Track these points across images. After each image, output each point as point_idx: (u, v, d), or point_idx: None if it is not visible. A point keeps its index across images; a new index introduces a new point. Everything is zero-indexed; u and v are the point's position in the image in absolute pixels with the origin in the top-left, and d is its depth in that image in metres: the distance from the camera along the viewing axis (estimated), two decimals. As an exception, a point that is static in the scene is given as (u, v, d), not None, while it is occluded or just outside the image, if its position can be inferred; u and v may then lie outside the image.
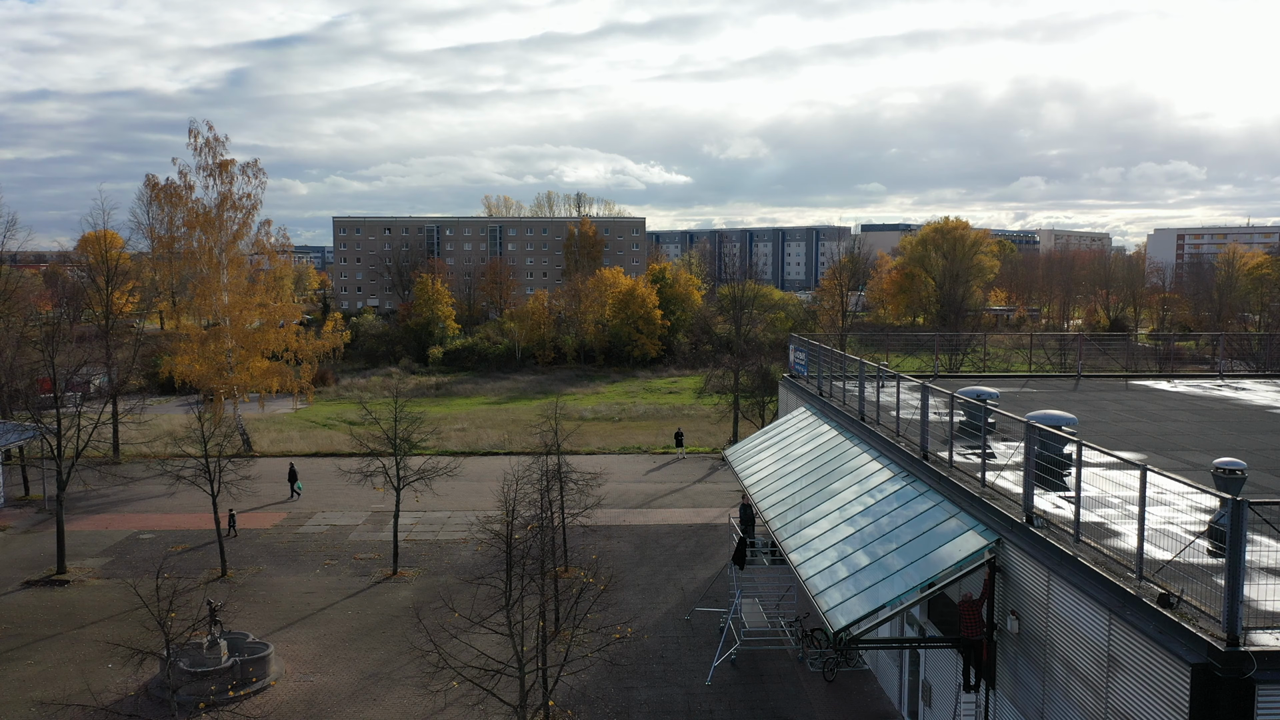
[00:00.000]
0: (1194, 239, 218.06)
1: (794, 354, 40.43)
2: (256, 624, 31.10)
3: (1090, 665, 14.89)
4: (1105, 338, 71.53)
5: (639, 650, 29.11)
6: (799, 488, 26.34)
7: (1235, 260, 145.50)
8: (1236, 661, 12.01)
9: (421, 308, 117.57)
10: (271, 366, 60.12)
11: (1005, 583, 18.04)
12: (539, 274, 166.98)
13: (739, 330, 72.24)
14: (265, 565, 37.73)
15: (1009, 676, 18.00)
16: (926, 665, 22.69)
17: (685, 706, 25.35)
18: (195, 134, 58.17)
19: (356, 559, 38.48)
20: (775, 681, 26.80)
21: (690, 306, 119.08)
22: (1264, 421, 28.71)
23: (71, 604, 33.57)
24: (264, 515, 45.01)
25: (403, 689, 26.57)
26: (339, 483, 50.11)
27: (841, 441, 28.53)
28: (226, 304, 58.30)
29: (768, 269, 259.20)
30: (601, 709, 25.24)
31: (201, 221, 58.11)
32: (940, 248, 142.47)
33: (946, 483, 21.13)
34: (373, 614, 32.45)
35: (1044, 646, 16.47)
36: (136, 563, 37.64)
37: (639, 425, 71.23)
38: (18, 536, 42.08)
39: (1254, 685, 12.00)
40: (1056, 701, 16.07)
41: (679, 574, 36.35)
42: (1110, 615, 14.29)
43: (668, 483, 51.70)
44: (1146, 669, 13.36)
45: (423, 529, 42.58)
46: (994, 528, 18.47)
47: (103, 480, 50.40)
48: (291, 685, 27.00)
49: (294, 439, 64.07)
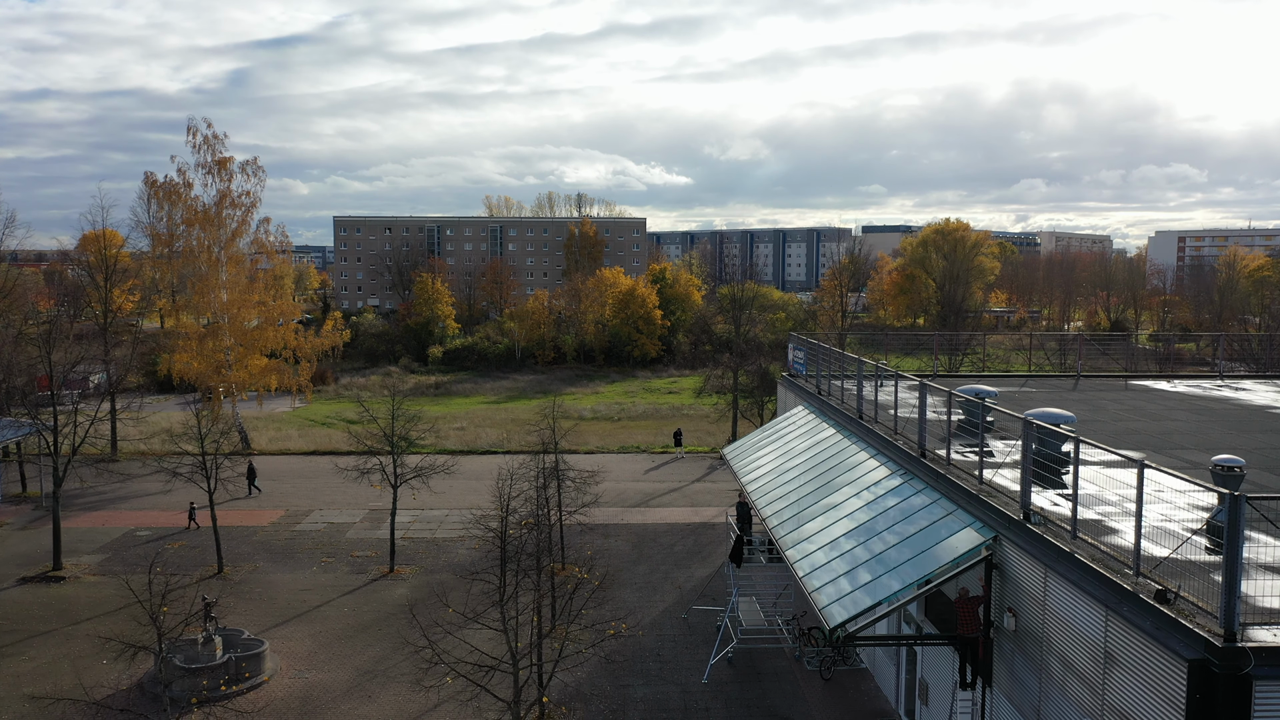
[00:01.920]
0: (1195, 241, 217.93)
1: (793, 353, 40.34)
2: (252, 621, 31.00)
3: (1087, 662, 14.79)
4: (1105, 338, 71.42)
5: (635, 648, 29.00)
6: (796, 485, 26.24)
7: (1236, 263, 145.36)
8: (1233, 657, 11.90)
9: (421, 307, 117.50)
10: (270, 364, 60.01)
11: (1002, 580, 17.94)
12: (539, 274, 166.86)
13: (738, 329, 72.12)
14: (261, 562, 37.63)
15: (1006, 674, 17.90)
16: (924, 664, 22.59)
17: (681, 704, 25.25)
18: (194, 131, 58.11)
19: (353, 556, 38.37)
20: (772, 680, 26.69)
21: (690, 307, 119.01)
22: (1263, 421, 28.59)
23: (67, 600, 33.48)
24: (260, 514, 44.90)
25: (398, 686, 26.47)
26: (336, 481, 49.94)
27: (839, 439, 28.44)
28: (225, 302, 58.20)
29: (768, 270, 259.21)
30: (597, 706, 25.14)
31: (200, 219, 58.01)
32: (941, 249, 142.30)
33: (944, 480, 21.03)
34: (369, 611, 32.35)
35: (1041, 643, 16.37)
36: (133, 560, 37.50)
37: (638, 425, 71.13)
38: (14, 533, 41.98)
39: (1251, 681, 11.89)
40: (1053, 699, 15.97)
41: (676, 572, 36.24)
42: (1107, 611, 14.19)
43: (666, 482, 51.59)
44: (1143, 665, 13.26)
45: (420, 527, 42.47)
46: (991, 525, 18.37)
47: (100, 477, 50.31)
48: (286, 682, 26.89)
49: (292, 437, 63.99)
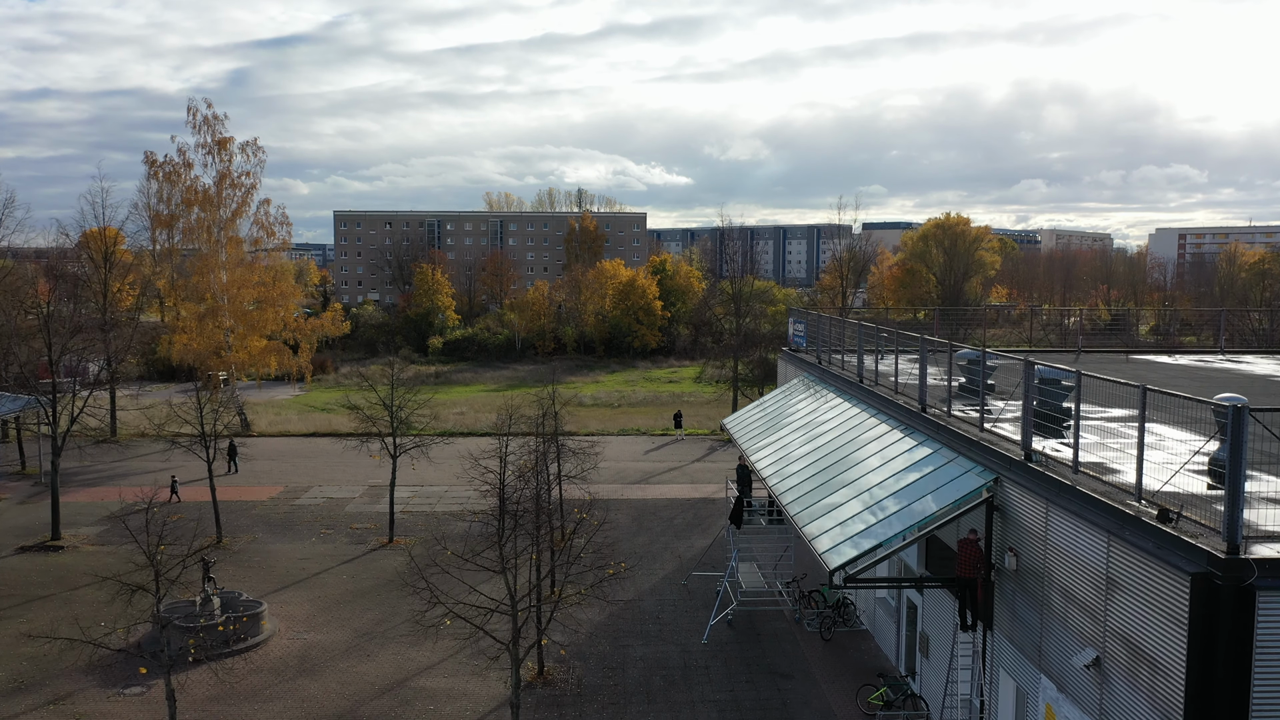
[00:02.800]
0: (1195, 238, 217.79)
1: (792, 327, 40.27)
2: (250, 587, 30.91)
3: (1088, 590, 14.72)
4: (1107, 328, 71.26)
5: (635, 612, 28.92)
6: (796, 443, 26.18)
7: (1237, 257, 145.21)
8: (1237, 569, 11.82)
9: (421, 298, 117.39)
10: (270, 345, 59.93)
11: (1004, 521, 17.88)
12: (539, 269, 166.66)
13: (739, 307, 72.37)
14: (260, 534, 37.57)
15: (1007, 615, 17.83)
16: (924, 617, 22.50)
17: (681, 663, 25.17)
18: (194, 111, 58.03)
19: (352, 529, 38.30)
20: (771, 641, 26.61)
21: (691, 298, 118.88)
22: (1265, 387, 28.53)
23: (65, 568, 33.41)
24: (259, 489, 44.83)
25: (397, 645, 26.41)
26: (335, 460, 50.00)
27: (840, 402, 28.37)
28: (225, 282, 58.11)
29: (769, 266, 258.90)
30: (596, 664, 25.06)
31: (200, 199, 57.92)
32: (941, 243, 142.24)
33: (945, 431, 20.97)
34: (368, 578, 32.28)
35: (1042, 579, 16.30)
36: (132, 531, 37.35)
37: (638, 410, 71.03)
38: (13, 507, 41.92)
39: (1254, 592, 11.82)
40: (1054, 632, 15.90)
41: (676, 543, 36.16)
42: (1109, 537, 14.12)
43: (666, 461, 51.53)
44: (1145, 585, 13.18)
45: (419, 502, 42.42)
46: (992, 468, 18.30)
47: (100, 454, 50.25)
48: (285, 642, 26.83)
49: (292, 420, 63.89)
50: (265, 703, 23.11)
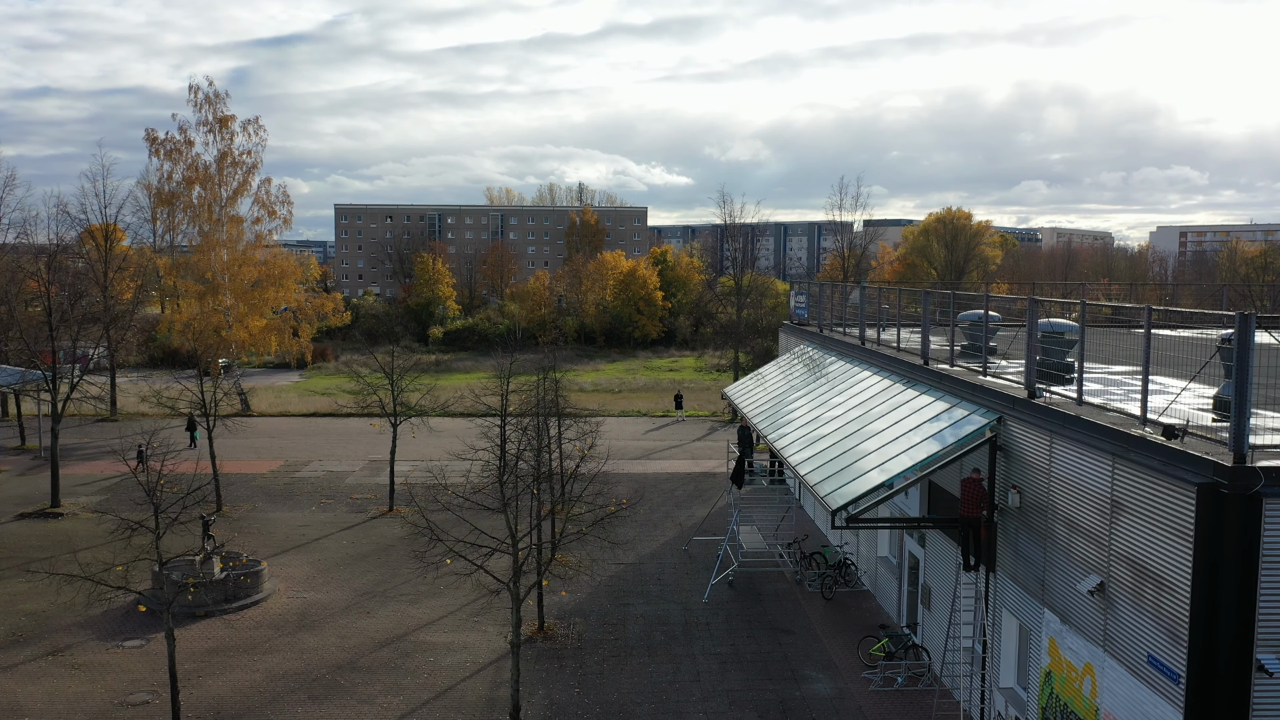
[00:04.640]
0: (1196, 235, 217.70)
1: (794, 300, 40.24)
2: (251, 550, 30.71)
3: (1092, 516, 14.65)
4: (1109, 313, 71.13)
5: (636, 574, 28.85)
6: (798, 399, 26.11)
7: (1238, 253, 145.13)
8: (1243, 477, 11.76)
9: (422, 288, 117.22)
10: (270, 323, 59.80)
11: (1007, 460, 17.82)
12: (540, 263, 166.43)
13: (740, 289, 72.56)
14: (260, 504, 37.48)
15: (1010, 554, 17.75)
16: (926, 569, 22.42)
17: (682, 620, 25.10)
18: (195, 90, 57.90)
19: (352, 499, 38.24)
20: (773, 600, 26.53)
21: (691, 290, 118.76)
22: (1265, 357, 28.39)
23: (65, 533, 33.34)
24: (259, 463, 44.74)
25: (397, 604, 26.35)
26: (336, 437, 49.97)
27: (842, 363, 28.31)
28: (225, 261, 58.01)
29: (769, 261, 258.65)
30: (597, 621, 24.99)
31: (201, 177, 57.81)
32: (942, 238, 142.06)
33: (948, 379, 20.93)
34: (368, 544, 32.21)
35: (1045, 513, 16.23)
36: (132, 502, 37.31)
37: (638, 395, 70.92)
38: (13, 478, 41.84)
39: (1261, 500, 11.75)
40: (1057, 564, 15.83)
41: (677, 512, 36.08)
42: (1114, 460, 14.05)
43: (666, 440, 51.43)
44: (1150, 502, 13.11)
45: (420, 475, 42.28)
46: (995, 409, 18.25)
47: (99, 431, 50.17)
48: (284, 600, 26.76)
49: (292, 401, 63.82)
50: (265, 655, 23.05)
